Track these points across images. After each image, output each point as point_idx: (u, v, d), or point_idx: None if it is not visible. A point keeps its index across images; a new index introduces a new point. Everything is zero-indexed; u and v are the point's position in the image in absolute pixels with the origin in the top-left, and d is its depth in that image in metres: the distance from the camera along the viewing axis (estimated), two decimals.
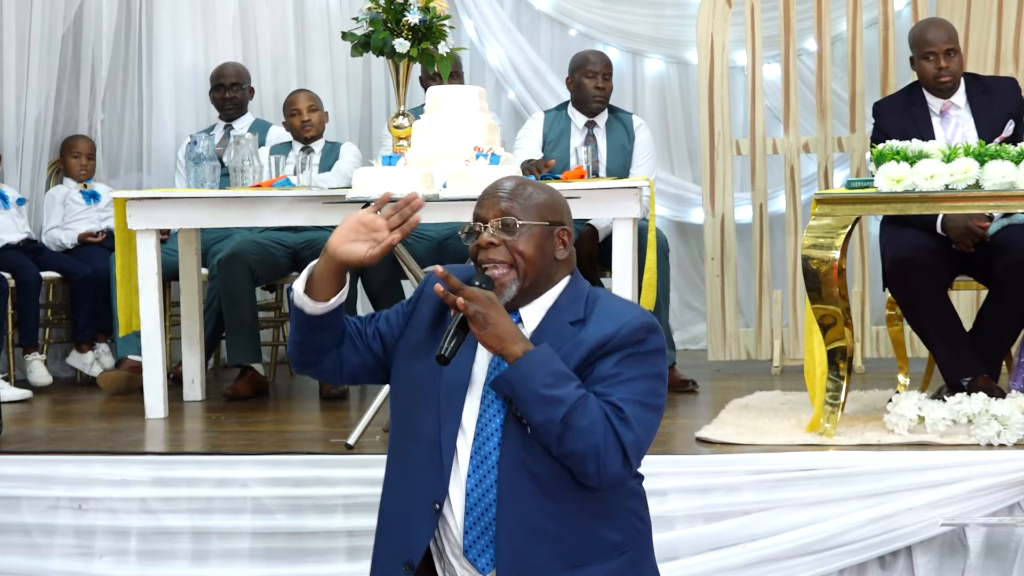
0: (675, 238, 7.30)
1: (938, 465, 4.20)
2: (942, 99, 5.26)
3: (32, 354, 6.34)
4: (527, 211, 2.84)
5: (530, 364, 2.70)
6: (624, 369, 2.75)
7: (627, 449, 2.71)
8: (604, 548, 2.80)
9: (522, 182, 2.90)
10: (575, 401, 2.69)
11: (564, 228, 2.88)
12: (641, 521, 2.89)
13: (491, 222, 2.84)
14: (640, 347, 2.77)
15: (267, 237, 6.13)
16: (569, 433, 2.69)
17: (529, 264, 2.82)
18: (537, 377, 2.70)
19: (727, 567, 4.15)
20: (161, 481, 4.42)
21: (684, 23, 7.25)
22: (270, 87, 7.20)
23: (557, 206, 2.89)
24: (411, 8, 5.16)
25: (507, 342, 2.72)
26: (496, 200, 2.86)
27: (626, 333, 2.76)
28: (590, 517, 2.78)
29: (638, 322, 2.78)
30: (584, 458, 2.70)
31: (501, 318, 2.73)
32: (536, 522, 2.75)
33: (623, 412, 2.71)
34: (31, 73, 6.70)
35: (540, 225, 2.84)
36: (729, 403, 5.25)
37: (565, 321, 2.81)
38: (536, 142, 6.17)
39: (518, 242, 2.82)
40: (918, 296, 4.89)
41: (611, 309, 2.82)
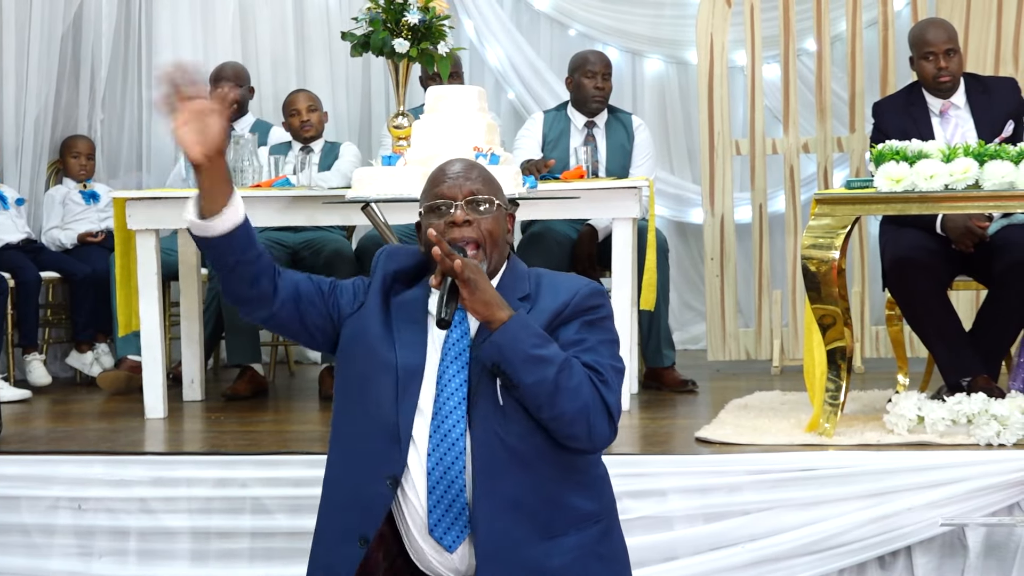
0: (675, 238, 7.30)
1: (938, 465, 4.20)
2: (942, 99, 5.26)
3: (31, 354, 6.34)
4: (493, 190, 2.90)
5: (517, 326, 2.74)
6: (587, 335, 2.81)
7: (611, 410, 2.77)
8: (579, 517, 2.82)
9: (477, 163, 2.97)
10: (562, 361, 2.74)
11: (510, 212, 2.95)
12: (610, 488, 2.93)
13: (461, 200, 2.86)
14: (595, 313, 2.83)
15: (266, 237, 6.13)
16: (560, 394, 2.72)
17: (493, 243, 2.86)
18: (525, 338, 2.73)
19: (727, 567, 4.15)
20: (161, 481, 4.42)
21: (684, 23, 7.25)
22: (270, 87, 7.20)
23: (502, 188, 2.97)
24: (411, 8, 5.17)
25: (494, 307, 2.75)
26: (464, 180, 2.88)
27: (580, 299, 2.82)
28: (566, 487, 2.81)
29: (588, 288, 2.85)
30: (574, 420, 2.74)
31: (488, 285, 2.77)
32: (513, 495, 2.77)
33: (603, 375, 2.76)
34: (31, 73, 6.71)
35: (501, 205, 2.89)
36: (729, 403, 5.25)
37: (513, 298, 2.84)
38: (536, 142, 6.17)
39: (486, 220, 2.86)
40: (918, 296, 4.89)
41: (557, 282, 2.89)
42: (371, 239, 5.99)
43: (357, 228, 6.52)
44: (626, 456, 4.41)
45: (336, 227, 6.26)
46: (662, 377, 5.89)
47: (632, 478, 4.23)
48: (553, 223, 5.90)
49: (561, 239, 5.97)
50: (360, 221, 5.21)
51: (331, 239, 6.16)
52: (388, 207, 5.06)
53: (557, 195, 5.17)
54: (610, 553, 2.86)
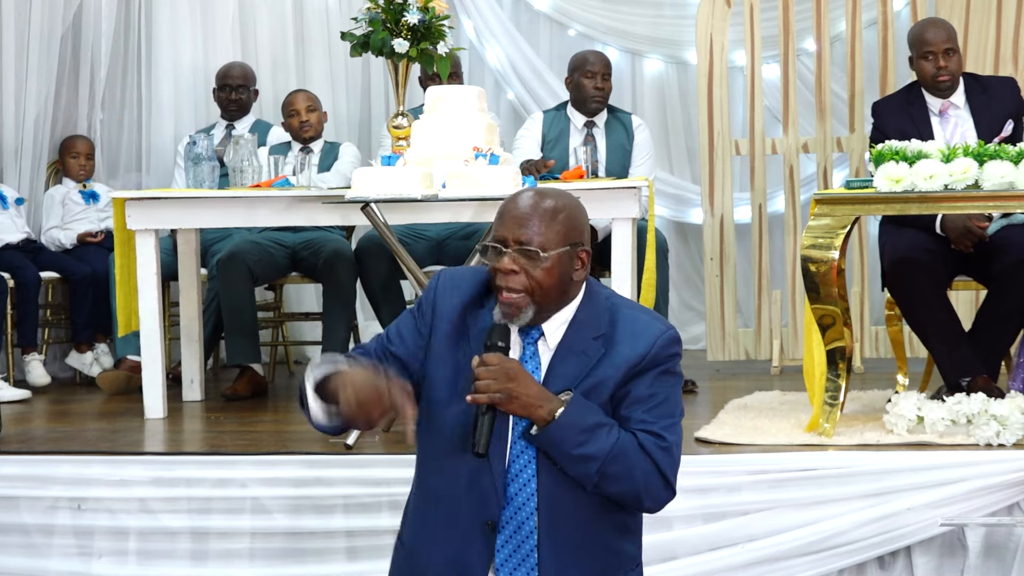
0: (674, 238, 7.29)
1: (937, 465, 4.20)
2: (941, 99, 5.26)
3: (31, 354, 6.34)
4: (550, 239, 2.74)
5: (559, 429, 2.70)
6: (659, 389, 2.77)
7: (667, 476, 2.75)
8: (626, 561, 2.85)
9: (550, 203, 2.77)
10: (607, 453, 2.71)
11: (584, 248, 2.80)
12: (640, 532, 2.93)
13: (512, 248, 2.74)
14: (671, 362, 2.79)
15: (266, 237, 6.13)
16: (606, 481, 2.73)
17: (547, 292, 2.75)
18: (567, 439, 2.70)
19: (726, 567, 4.15)
20: (160, 481, 4.42)
21: (683, 23, 7.25)
22: (269, 87, 7.19)
23: (579, 224, 2.79)
24: (410, 8, 5.16)
25: (533, 408, 2.71)
26: (519, 223, 2.74)
27: (658, 350, 2.77)
28: (617, 531, 2.83)
29: (667, 337, 2.78)
30: (623, 498, 2.76)
31: (522, 387, 2.70)
32: (573, 536, 2.78)
33: (665, 440, 2.74)
34: (30, 73, 6.70)
35: (562, 251, 2.75)
36: (728, 403, 5.25)
37: (588, 336, 2.78)
38: (535, 142, 6.17)
39: (537, 271, 2.74)
40: (917, 296, 4.89)
41: (636, 324, 2.79)
42: (371, 239, 5.99)
43: (357, 228, 6.52)
44: None
45: (336, 227, 6.26)
46: None
47: None
48: None
49: None
50: (360, 221, 5.21)
51: (331, 239, 6.16)
52: (388, 207, 5.06)
53: None
54: None
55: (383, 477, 4.33)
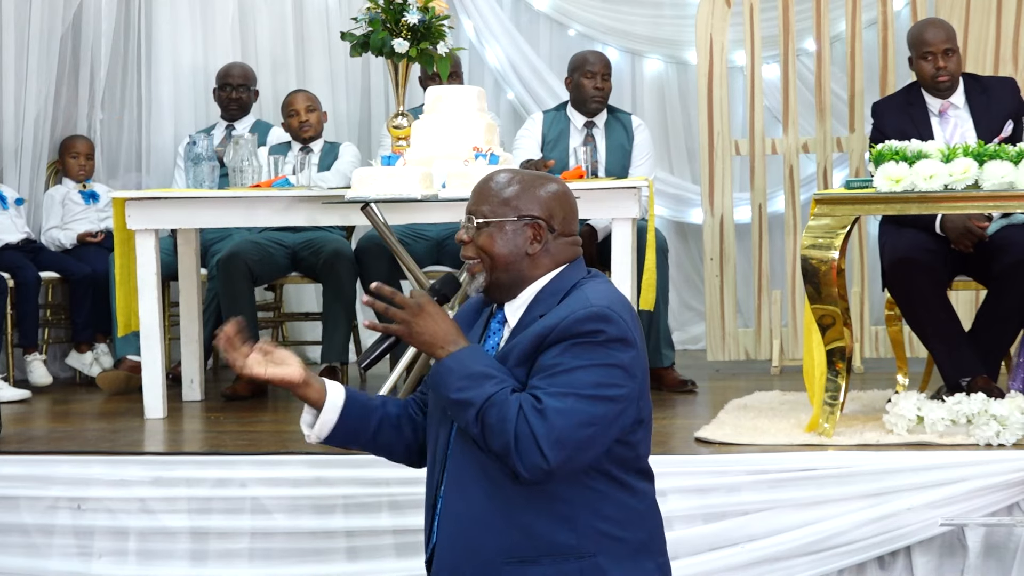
0: (674, 238, 7.30)
1: (937, 465, 4.20)
2: (941, 99, 5.26)
3: (32, 354, 6.34)
4: (492, 209, 2.84)
5: (444, 369, 2.75)
6: (567, 359, 2.71)
7: (540, 441, 2.66)
8: (554, 549, 2.75)
9: (503, 177, 2.89)
10: (484, 401, 2.69)
11: (536, 222, 2.84)
12: (621, 527, 2.79)
13: (465, 219, 2.88)
14: (589, 337, 2.72)
15: (266, 237, 6.13)
16: (485, 432, 2.70)
17: (495, 260, 2.83)
18: (450, 382, 2.73)
19: (726, 567, 4.15)
20: (160, 481, 4.42)
21: (683, 23, 7.25)
22: (269, 87, 7.20)
23: (535, 200, 2.85)
24: (410, 8, 5.17)
25: (434, 347, 2.77)
26: (472, 195, 2.89)
27: (568, 323, 2.73)
28: (539, 512, 2.74)
29: (584, 312, 2.73)
30: (501, 455, 2.70)
31: (428, 324, 2.77)
32: (477, 510, 2.76)
33: (541, 403, 2.68)
34: (30, 73, 6.70)
35: (504, 221, 2.83)
36: (728, 403, 5.25)
37: (536, 315, 2.81)
38: (535, 142, 6.17)
39: (480, 238, 2.83)
40: (917, 296, 4.89)
41: (571, 301, 2.79)
42: (370, 239, 5.99)
43: (357, 228, 6.52)
44: None
45: (336, 227, 6.26)
46: (662, 377, 5.89)
47: None
48: None
49: None
50: (359, 221, 5.22)
51: (331, 239, 6.16)
52: (387, 207, 5.06)
53: None
54: None
55: (383, 477, 4.33)
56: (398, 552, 4.32)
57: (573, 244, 2.89)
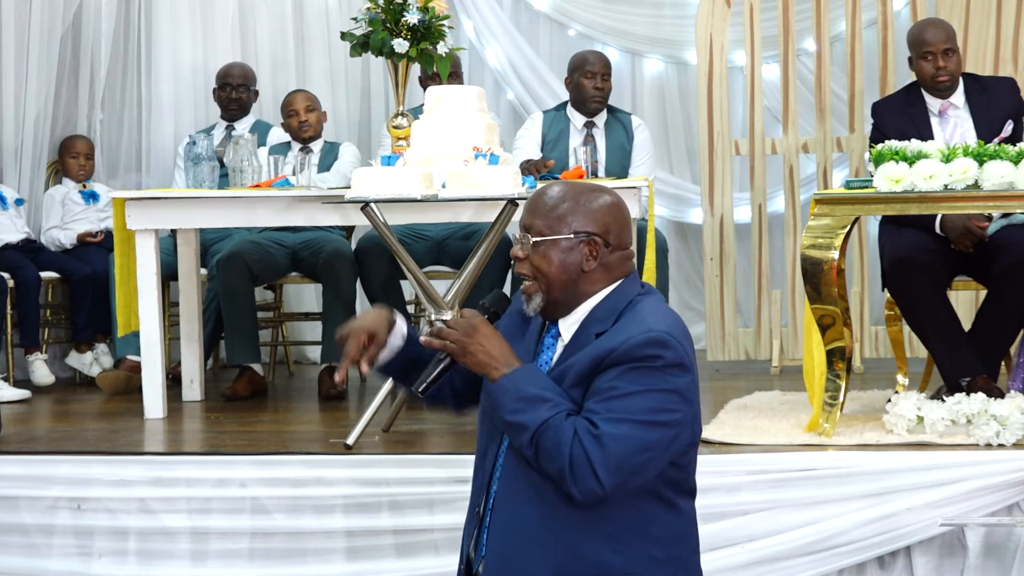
0: (674, 238, 7.29)
1: (937, 465, 4.20)
2: (941, 99, 5.26)
3: (34, 354, 6.34)
4: (548, 225, 2.80)
5: (500, 391, 2.74)
6: (622, 384, 2.69)
7: (595, 467, 2.65)
8: (600, 569, 2.74)
9: (559, 192, 2.84)
10: (539, 425, 2.68)
11: (592, 238, 2.80)
12: (662, 546, 2.79)
13: (521, 235, 2.84)
14: (646, 362, 2.69)
15: (266, 237, 6.13)
16: (540, 455, 2.69)
17: (550, 279, 2.79)
18: (505, 403, 2.72)
19: (726, 567, 4.15)
20: (160, 481, 4.42)
21: (683, 23, 7.25)
22: (269, 87, 7.19)
23: (590, 215, 2.81)
24: (410, 8, 5.16)
25: (488, 367, 2.76)
26: (527, 211, 2.84)
27: (627, 348, 2.70)
28: (588, 532, 2.74)
29: (643, 337, 2.70)
30: (556, 478, 2.69)
31: (482, 344, 2.76)
32: (527, 527, 2.75)
33: (598, 429, 2.67)
34: (30, 73, 6.70)
35: (560, 239, 2.79)
36: (728, 403, 5.25)
37: (592, 332, 2.78)
38: (535, 142, 6.17)
39: (535, 257, 2.80)
40: (917, 296, 4.89)
41: (630, 322, 2.76)
42: (370, 239, 5.99)
43: (356, 228, 6.52)
44: None
45: (335, 227, 6.26)
46: None
47: None
48: None
49: None
50: (359, 221, 5.21)
51: (330, 239, 6.16)
52: (387, 207, 5.06)
53: None
54: None
55: (383, 477, 4.33)
56: (398, 552, 4.32)
57: (627, 258, 2.86)
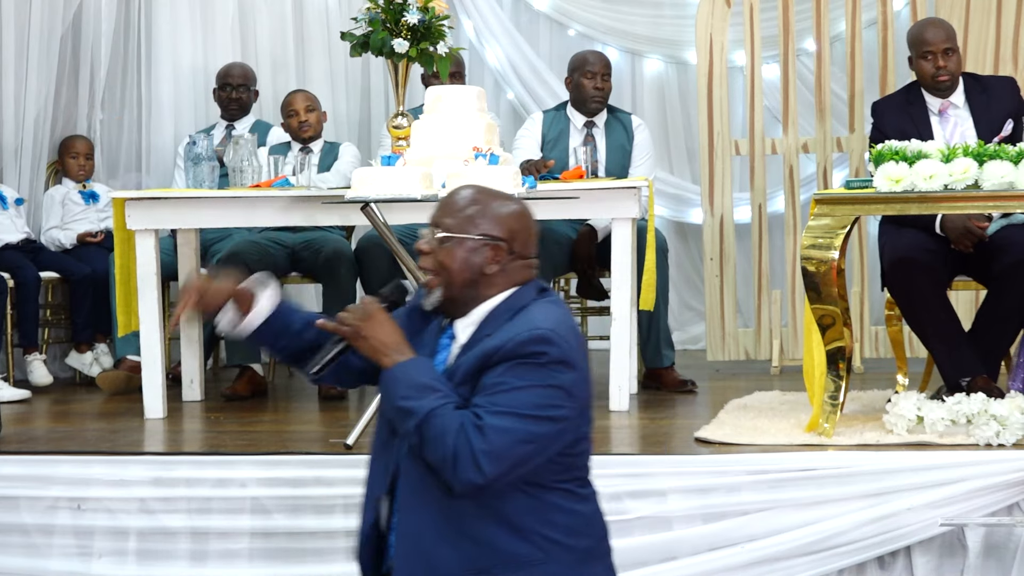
0: (674, 238, 7.29)
1: (937, 465, 4.20)
2: (941, 99, 5.26)
3: (33, 354, 6.34)
4: (457, 223, 2.87)
5: (391, 377, 2.79)
6: (508, 379, 2.75)
7: (478, 457, 2.70)
8: (508, 558, 2.79)
9: (471, 193, 2.92)
10: (427, 412, 2.73)
11: (498, 243, 2.86)
12: (571, 535, 2.84)
13: (429, 230, 2.91)
14: (531, 358, 2.75)
15: (266, 237, 6.13)
16: (424, 443, 2.74)
17: (452, 276, 2.86)
18: (396, 390, 2.78)
19: (726, 567, 4.14)
20: (160, 481, 4.42)
21: (683, 23, 7.25)
22: (269, 87, 7.19)
23: (498, 220, 2.88)
24: (410, 8, 5.16)
25: (380, 354, 2.83)
26: (438, 208, 2.92)
27: (513, 345, 2.76)
28: (490, 524, 2.79)
29: (528, 334, 2.77)
30: (438, 467, 2.74)
31: (376, 331, 2.83)
32: (432, 527, 2.80)
33: (481, 420, 2.72)
34: (30, 73, 6.70)
35: (467, 238, 2.86)
36: (728, 403, 5.25)
37: (484, 334, 2.84)
38: (535, 142, 6.17)
39: (441, 253, 2.87)
40: (917, 296, 4.89)
41: (519, 321, 2.82)
42: (370, 239, 5.99)
43: (356, 228, 6.52)
44: (626, 456, 4.42)
45: (335, 227, 6.26)
46: (661, 377, 5.89)
47: (631, 478, 4.23)
48: (552, 223, 5.89)
49: (560, 239, 5.97)
50: (359, 221, 5.22)
51: (330, 239, 6.16)
52: (387, 207, 5.06)
53: (556, 195, 5.17)
54: None
55: None
56: None
57: (529, 267, 2.92)
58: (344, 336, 2.86)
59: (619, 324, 5.25)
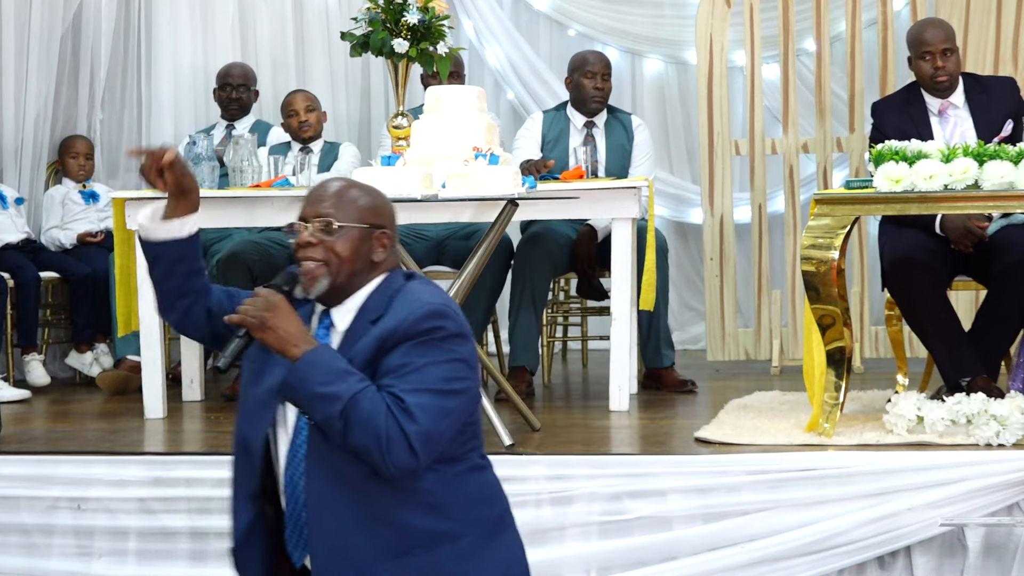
0: (674, 238, 7.30)
1: (937, 465, 4.20)
2: (940, 99, 5.26)
3: (31, 354, 6.34)
4: (347, 214, 2.90)
5: (306, 365, 2.77)
6: (414, 358, 2.79)
7: (411, 439, 2.73)
8: (428, 538, 2.83)
9: (347, 184, 2.96)
10: (352, 396, 2.73)
11: (384, 231, 2.92)
12: (484, 505, 2.91)
13: (311, 222, 2.90)
14: (431, 335, 2.80)
15: (266, 237, 6.12)
16: (351, 428, 2.73)
17: (343, 263, 2.87)
18: (313, 376, 2.76)
19: (726, 567, 4.14)
20: (160, 481, 4.42)
21: (683, 23, 7.25)
22: (269, 87, 7.20)
23: (378, 209, 2.94)
24: (410, 8, 5.16)
25: (287, 344, 2.80)
26: (318, 201, 2.92)
27: (410, 323, 2.80)
28: (406, 507, 2.81)
29: (422, 311, 2.81)
30: (368, 451, 2.74)
31: (282, 322, 2.81)
32: (346, 513, 2.81)
33: (404, 402, 2.74)
34: (30, 73, 6.71)
35: (359, 228, 2.89)
36: (728, 403, 5.25)
37: (367, 320, 2.86)
38: (535, 142, 6.16)
39: (335, 243, 2.88)
40: (917, 296, 4.89)
41: (404, 301, 2.85)
42: None
43: None
44: (626, 456, 4.42)
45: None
46: (661, 377, 5.89)
47: (631, 478, 4.23)
48: (552, 223, 5.90)
49: (560, 239, 5.97)
50: None
51: None
52: None
53: (556, 195, 5.17)
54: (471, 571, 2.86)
55: None
56: None
57: (395, 253, 2.99)
58: (248, 327, 2.84)
59: (619, 324, 5.25)
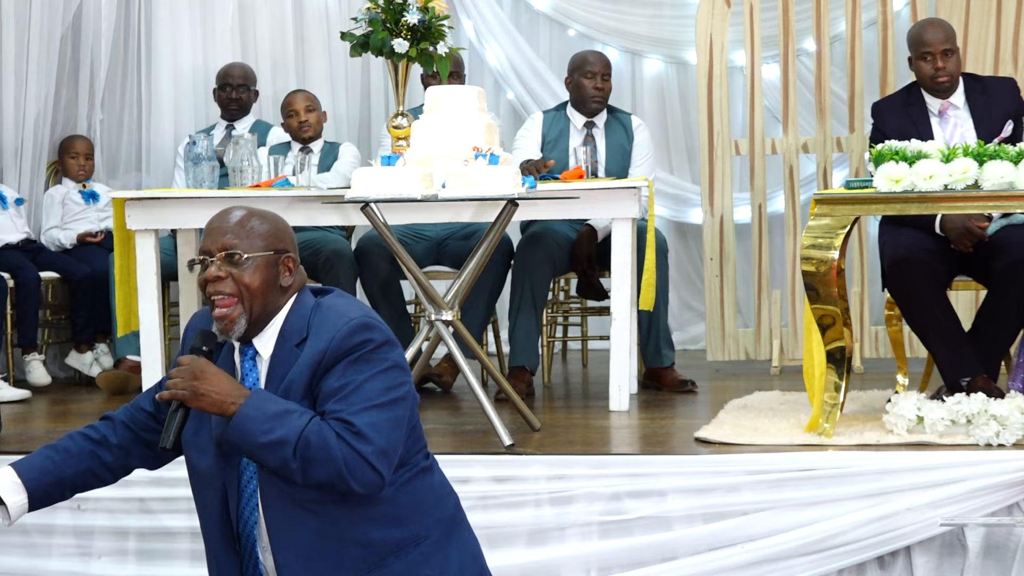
0: (674, 238, 7.30)
1: (937, 465, 4.20)
2: (940, 99, 5.26)
3: (31, 354, 6.34)
4: (251, 243, 2.90)
5: (243, 420, 2.77)
6: (351, 377, 2.81)
7: (370, 460, 2.76)
8: (394, 547, 2.87)
9: (246, 214, 2.95)
10: (298, 435, 2.74)
11: (288, 255, 2.94)
12: (437, 507, 2.95)
13: (216, 255, 2.89)
14: (361, 349, 2.82)
15: None
16: (308, 466, 2.75)
17: (255, 295, 2.88)
18: (253, 429, 2.76)
19: (725, 567, 4.14)
20: (160, 481, 4.40)
21: (683, 23, 7.26)
22: (269, 87, 7.20)
23: (280, 234, 2.96)
24: (410, 8, 5.16)
25: (224, 404, 2.80)
26: (220, 234, 2.91)
27: (338, 342, 2.82)
28: (365, 524, 2.85)
29: (348, 327, 2.83)
30: (332, 483, 2.77)
31: (212, 385, 2.81)
32: (309, 542, 2.83)
33: (354, 426, 2.76)
34: (30, 73, 6.71)
35: (264, 255, 2.90)
36: (728, 403, 5.25)
37: (291, 345, 2.87)
38: (535, 142, 6.17)
39: (243, 274, 2.88)
40: (917, 296, 4.89)
41: (326, 321, 2.86)
42: (370, 239, 5.99)
43: (356, 228, 6.52)
44: (625, 456, 4.42)
45: (335, 227, 6.26)
46: (661, 377, 5.89)
47: (631, 478, 4.23)
48: (552, 223, 5.90)
49: (560, 239, 5.97)
50: (359, 221, 5.22)
51: (330, 239, 6.16)
52: (387, 207, 5.06)
53: (556, 195, 5.17)
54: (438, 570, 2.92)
55: None
56: None
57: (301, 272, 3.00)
58: (181, 400, 2.83)
59: (619, 324, 5.26)
